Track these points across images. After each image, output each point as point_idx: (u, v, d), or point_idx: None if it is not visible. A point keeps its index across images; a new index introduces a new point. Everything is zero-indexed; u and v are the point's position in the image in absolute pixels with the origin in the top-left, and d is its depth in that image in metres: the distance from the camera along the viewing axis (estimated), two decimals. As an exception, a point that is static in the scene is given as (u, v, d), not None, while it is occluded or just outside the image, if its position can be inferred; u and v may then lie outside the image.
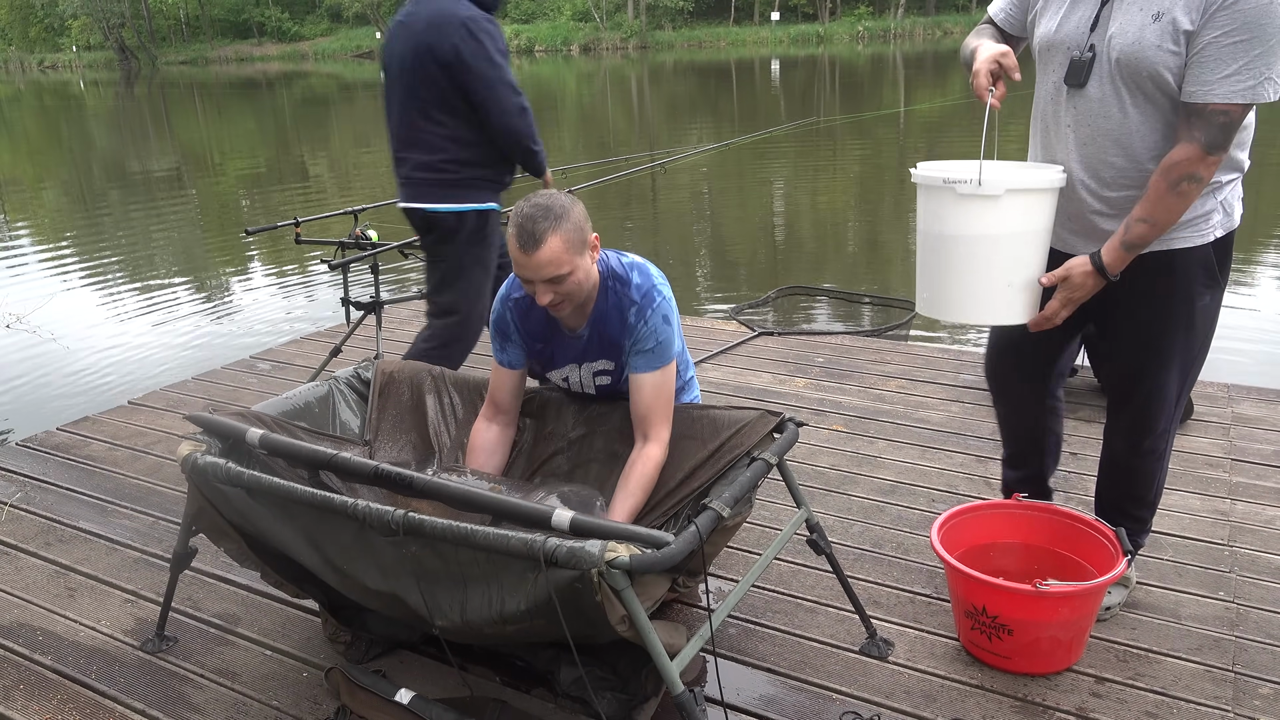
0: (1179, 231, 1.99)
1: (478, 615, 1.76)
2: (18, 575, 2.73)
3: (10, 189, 13.62)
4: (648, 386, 2.23)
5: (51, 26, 62.01)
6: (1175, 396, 2.16)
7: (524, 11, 52.03)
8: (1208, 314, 2.08)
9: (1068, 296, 1.99)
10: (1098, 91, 1.95)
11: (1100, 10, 1.94)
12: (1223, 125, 1.82)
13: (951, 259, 2.00)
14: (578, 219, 2.13)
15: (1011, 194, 1.90)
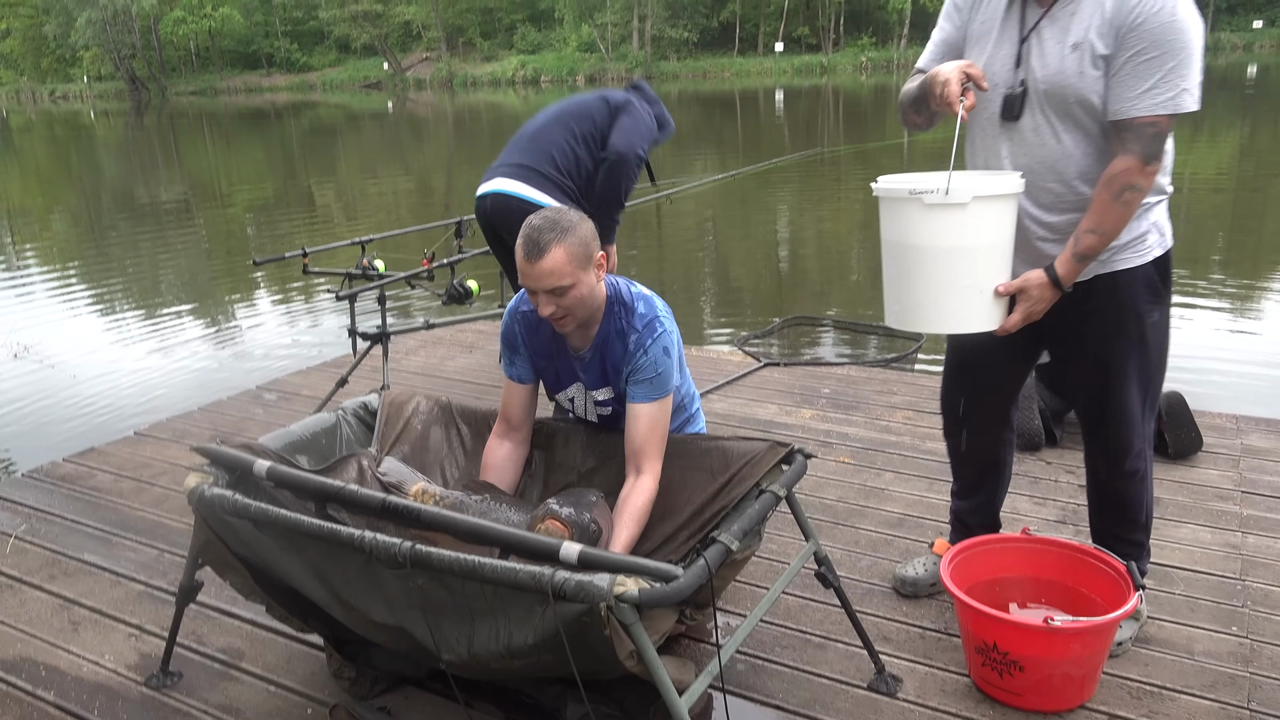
0: (1121, 254, 2.08)
1: (485, 649, 1.74)
2: (21, 609, 2.71)
3: (20, 218, 13.72)
4: (644, 418, 2.24)
5: (63, 57, 62.66)
6: (1140, 413, 2.22)
7: (530, 42, 52.52)
8: (1158, 330, 2.16)
9: (1028, 309, 2.05)
10: (1030, 123, 2.05)
11: (1020, 48, 2.04)
12: (1153, 136, 1.92)
13: (923, 270, 2.01)
14: (584, 235, 2.15)
15: (979, 201, 1.93)
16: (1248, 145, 15.04)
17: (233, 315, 7.62)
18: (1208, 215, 9.54)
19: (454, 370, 4.78)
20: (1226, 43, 42.41)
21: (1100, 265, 2.09)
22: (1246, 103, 21.90)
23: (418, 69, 54.90)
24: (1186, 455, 3.33)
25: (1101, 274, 2.10)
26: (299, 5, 57.79)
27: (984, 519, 2.56)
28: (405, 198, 13.83)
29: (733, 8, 48.92)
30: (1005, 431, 2.48)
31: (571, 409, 2.49)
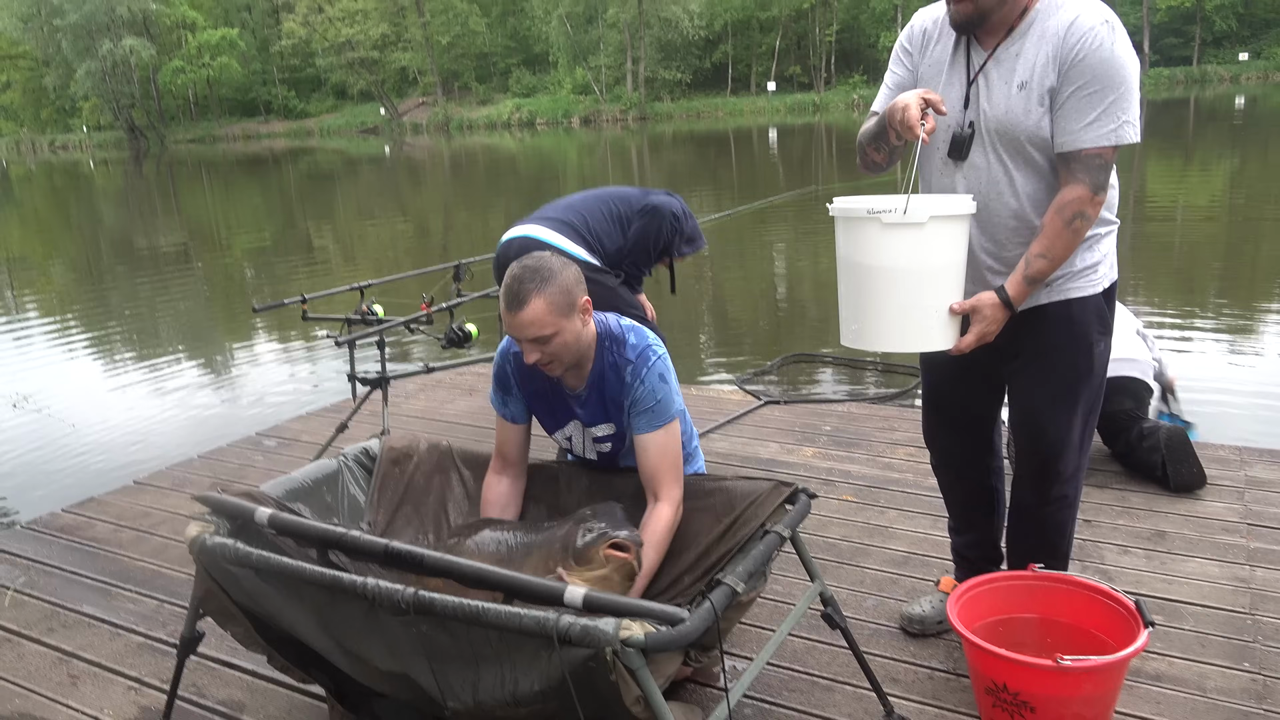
0: (1074, 282, 2.13)
1: (490, 696, 1.72)
2: (20, 663, 2.68)
3: (20, 267, 13.77)
4: (652, 448, 2.25)
5: (63, 108, 63.28)
6: (1079, 440, 2.25)
7: (525, 86, 53.11)
8: (1102, 359, 2.22)
9: (981, 330, 2.07)
10: (983, 161, 2.10)
11: (969, 90, 2.09)
12: (1100, 167, 1.98)
13: (880, 289, 2.03)
14: (566, 282, 2.16)
15: (935, 221, 1.96)
16: (1238, 175, 15.17)
17: (232, 361, 7.62)
18: (1202, 245, 9.60)
19: (454, 413, 4.78)
20: (1214, 75, 42.96)
21: (1055, 292, 2.14)
22: (1235, 134, 22.12)
23: (414, 113, 55.46)
24: (1189, 489, 3.31)
25: (1056, 300, 2.14)
26: (296, 53, 58.49)
27: (984, 551, 2.56)
28: (403, 241, 13.89)
29: (725, 49, 49.59)
30: (992, 460, 2.49)
31: (570, 448, 2.49)
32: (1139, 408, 3.59)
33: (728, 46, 49.79)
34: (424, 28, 53.95)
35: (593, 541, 2.05)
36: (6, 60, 62.59)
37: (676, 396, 2.31)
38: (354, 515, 2.43)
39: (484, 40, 55.05)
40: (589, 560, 2.05)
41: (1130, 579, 2.79)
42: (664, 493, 2.23)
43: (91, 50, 55.28)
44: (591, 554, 2.04)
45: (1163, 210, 11.91)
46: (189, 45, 57.51)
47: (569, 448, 2.49)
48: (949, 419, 2.45)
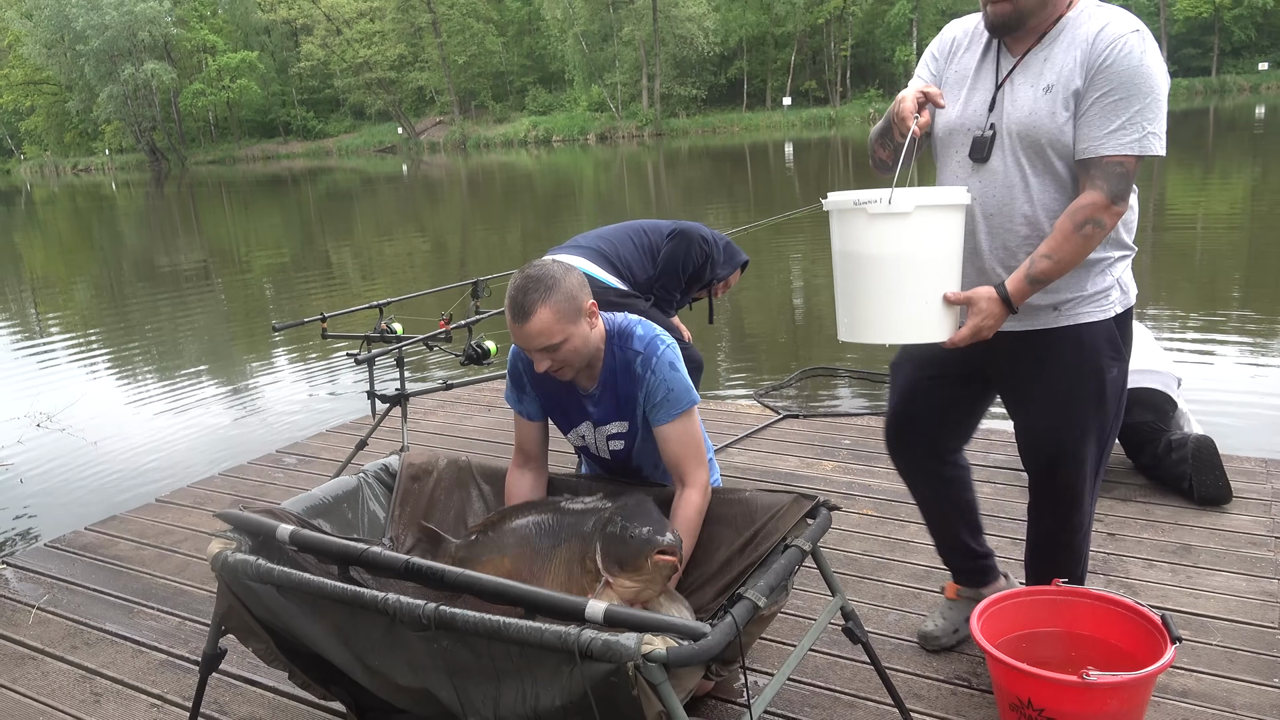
0: (1083, 306, 2.10)
1: (511, 711, 1.72)
2: (44, 681, 2.70)
3: (43, 288, 13.93)
4: (673, 436, 2.26)
5: (85, 131, 64.16)
6: (1094, 469, 2.22)
7: (541, 104, 53.44)
8: (1116, 386, 2.17)
9: (977, 324, 2.02)
10: (1000, 165, 2.07)
11: (996, 94, 2.08)
12: (1121, 175, 1.94)
13: (869, 278, 2.02)
14: (570, 288, 2.17)
15: (921, 210, 1.94)
16: (1260, 184, 15.05)
17: (252, 379, 7.67)
18: (1223, 254, 9.52)
19: (473, 429, 4.79)
20: (1233, 85, 42.74)
21: (1063, 317, 2.10)
22: (1256, 143, 21.97)
23: (431, 132, 55.88)
24: (1216, 503, 3.27)
25: (1064, 326, 2.11)
26: (315, 75, 59.14)
27: (964, 554, 2.54)
28: (421, 259, 13.97)
29: (740, 64, 49.75)
30: (962, 472, 2.48)
31: (585, 446, 2.49)
32: (1160, 420, 3.52)
33: (743, 62, 49.95)
34: (441, 48, 54.42)
35: (641, 552, 2.03)
36: (31, 86, 63.55)
37: (690, 382, 2.31)
38: (374, 531, 2.44)
39: (500, 59, 55.51)
40: (637, 569, 2.03)
41: (1156, 593, 2.75)
42: (691, 478, 2.26)
43: (114, 74, 56.09)
44: (639, 564, 2.03)
45: (1183, 220, 11.83)
46: (209, 68, 58.24)
47: (583, 445, 2.50)
48: (919, 437, 2.40)
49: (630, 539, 2.05)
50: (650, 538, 2.03)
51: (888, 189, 1.95)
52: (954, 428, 2.41)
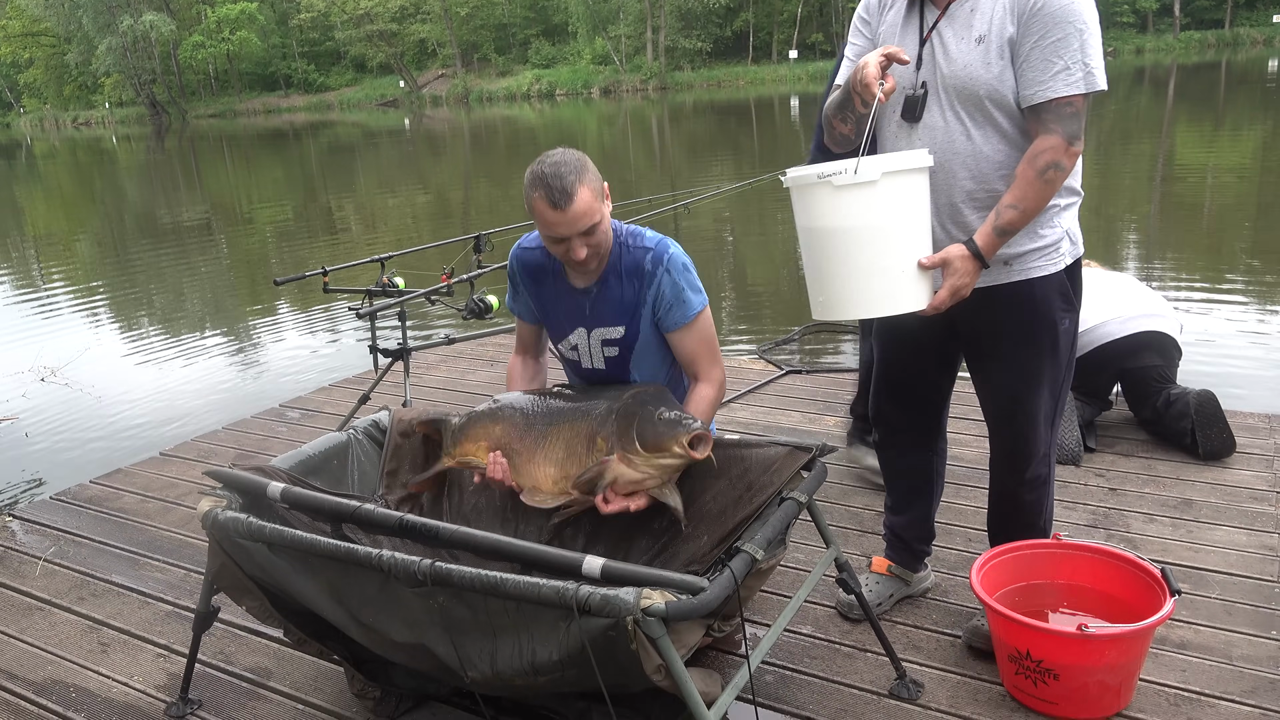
0: (1034, 261, 2.09)
1: (508, 666, 1.73)
2: (51, 631, 2.73)
3: (45, 242, 13.89)
4: (688, 339, 2.28)
5: (85, 84, 63.53)
6: (1049, 419, 2.23)
7: (545, 56, 52.76)
8: (1068, 337, 2.18)
9: (955, 283, 1.99)
10: (940, 121, 2.05)
11: (920, 50, 2.05)
12: (1072, 115, 1.93)
13: (841, 254, 1.97)
14: (593, 167, 2.15)
15: (889, 178, 1.90)
16: (1270, 139, 14.87)
17: (255, 333, 7.66)
18: (1232, 210, 9.43)
19: (475, 384, 4.79)
20: (1246, 38, 42.02)
21: (1013, 272, 2.09)
22: (1268, 97, 21.67)
23: (433, 86, 55.29)
24: (1219, 457, 3.27)
25: (1015, 280, 2.10)
26: (315, 27, 58.34)
27: (920, 532, 2.54)
28: (423, 213, 13.90)
29: (745, 17, 49.01)
30: (938, 441, 2.48)
31: (577, 360, 2.43)
32: (1167, 365, 3.48)
33: (749, 14, 49.18)
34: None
35: (671, 433, 2.01)
36: (29, 38, 62.83)
37: (700, 285, 2.30)
38: (365, 488, 2.42)
39: (503, 11, 54.71)
40: (661, 450, 2.02)
41: (1156, 547, 2.76)
42: (704, 373, 2.28)
43: (112, 26, 55.40)
44: (666, 444, 2.01)
45: (1193, 174, 11.71)
46: (208, 20, 57.47)
47: (575, 360, 2.43)
48: (899, 398, 2.42)
49: (660, 420, 2.03)
50: (681, 420, 2.02)
51: (851, 159, 1.89)
52: (936, 396, 2.40)
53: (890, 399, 2.43)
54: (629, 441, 2.05)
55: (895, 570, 2.55)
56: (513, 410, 2.30)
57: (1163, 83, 27.63)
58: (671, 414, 2.05)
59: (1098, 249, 7.98)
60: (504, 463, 2.24)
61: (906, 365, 2.37)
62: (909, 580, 2.56)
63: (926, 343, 2.29)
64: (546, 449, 2.21)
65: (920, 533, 2.54)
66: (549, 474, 2.20)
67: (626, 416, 2.10)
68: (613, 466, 2.07)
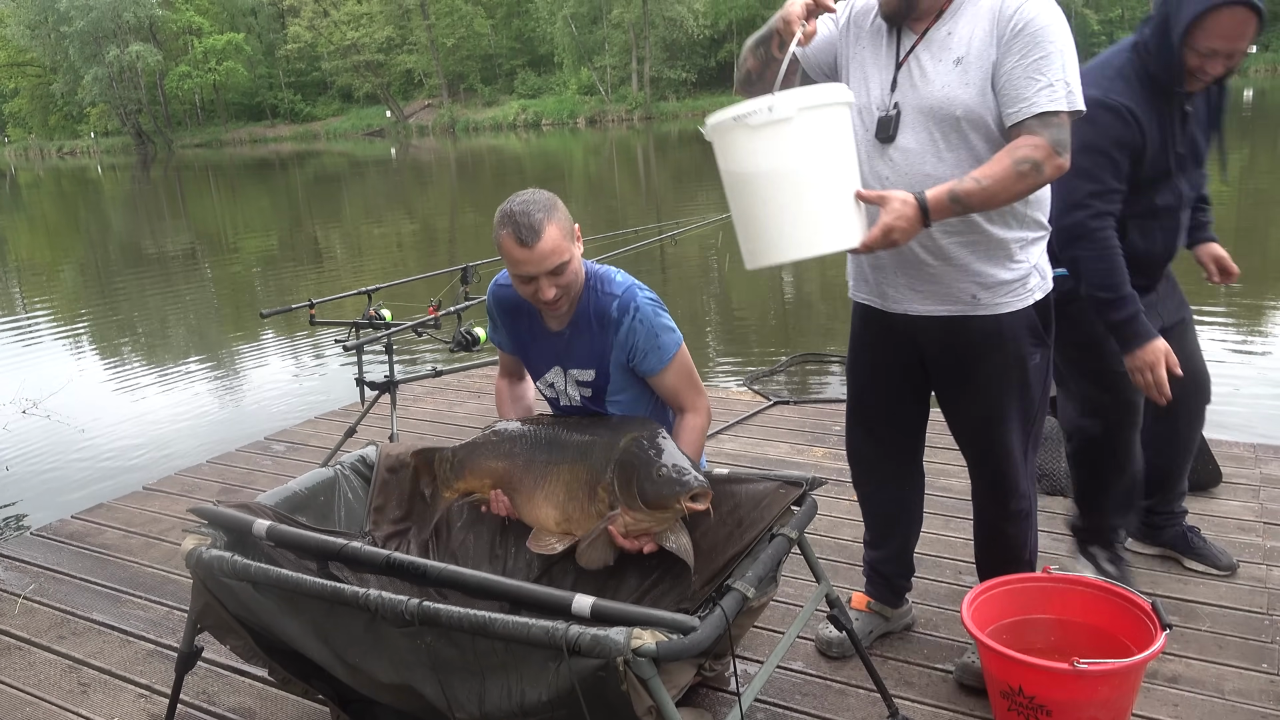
0: (1003, 296, 2.08)
1: (496, 707, 1.70)
2: (30, 671, 2.68)
3: (29, 272, 13.82)
4: (668, 379, 2.28)
5: (70, 114, 63.50)
6: (1023, 454, 2.23)
7: (531, 87, 53.09)
8: (1040, 373, 2.17)
9: (888, 223, 1.86)
10: (913, 142, 2.03)
11: (896, 74, 2.05)
12: (1059, 126, 1.90)
13: (766, 197, 1.89)
14: (563, 208, 2.15)
15: (806, 113, 1.83)
16: (1248, 167, 15.08)
17: (240, 365, 7.62)
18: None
19: (462, 416, 4.77)
20: (1222, 68, 42.63)
21: (979, 306, 2.09)
22: (1244, 126, 22.00)
23: (420, 115, 55.52)
24: (1205, 487, 3.28)
25: (984, 315, 2.09)
26: (302, 57, 58.59)
27: (899, 567, 2.53)
28: (410, 242, 13.90)
29: (730, 47, 49.47)
30: (916, 477, 2.48)
31: (555, 396, 2.43)
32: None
33: (733, 45, 49.65)
34: (429, 30, 54.00)
35: (670, 493, 2.01)
36: (14, 68, 62.87)
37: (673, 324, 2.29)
38: (352, 524, 2.39)
39: (489, 42, 55.09)
40: (663, 508, 2.03)
41: (1146, 580, 2.76)
42: (689, 404, 2.29)
43: (98, 56, 55.49)
44: (667, 503, 2.02)
45: (1172, 205, 11.81)
46: (195, 50, 57.66)
47: (554, 397, 2.43)
48: (874, 433, 2.41)
49: (659, 478, 2.03)
50: (681, 479, 2.01)
51: (767, 97, 1.83)
52: (910, 428, 2.39)
53: (865, 435, 2.43)
54: (631, 498, 2.06)
55: (875, 607, 2.54)
56: (512, 446, 2.29)
57: (1141, 113, 27.92)
58: (671, 469, 2.04)
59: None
60: (506, 500, 2.28)
61: (879, 400, 2.37)
62: (889, 616, 2.55)
63: (898, 377, 2.29)
64: (547, 489, 2.21)
65: (899, 567, 2.53)
66: (550, 515, 2.21)
67: (626, 470, 2.09)
68: (618, 520, 2.07)
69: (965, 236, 2.04)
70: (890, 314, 2.20)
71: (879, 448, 2.43)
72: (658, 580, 2.19)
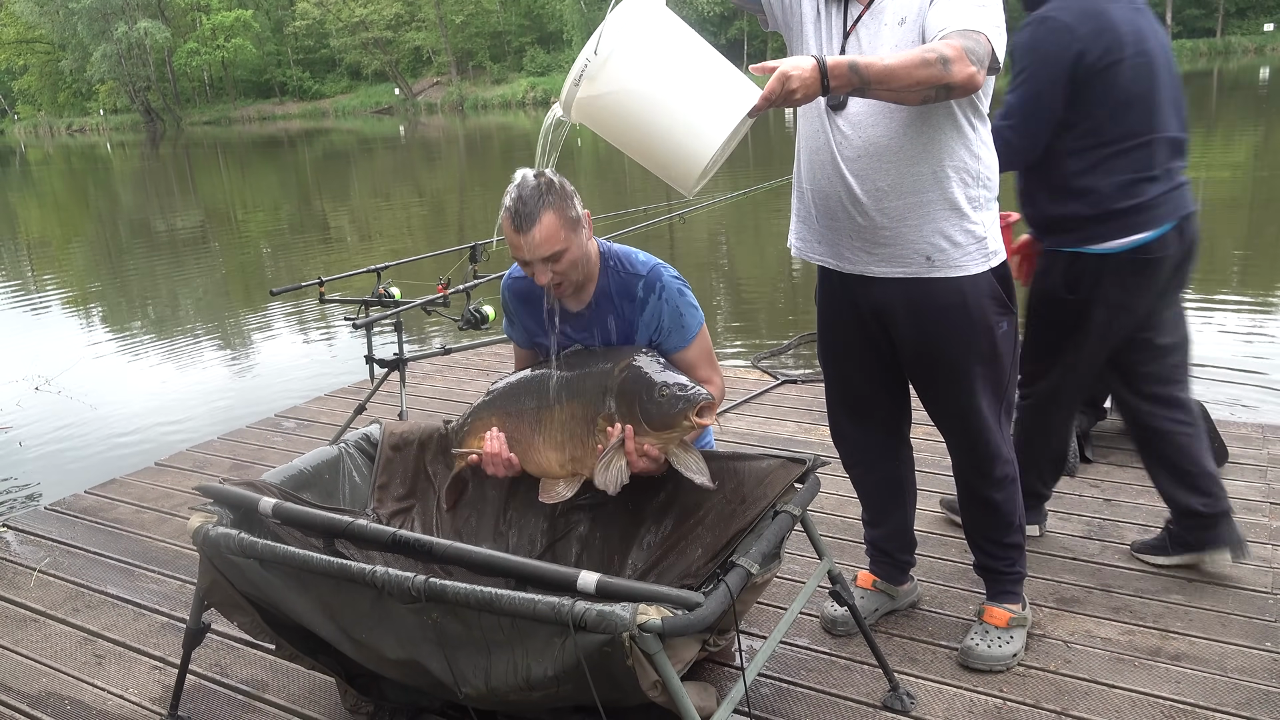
0: (966, 256, 2.07)
1: (502, 682, 1.73)
2: (46, 643, 2.72)
3: (39, 250, 13.87)
4: (687, 356, 2.30)
5: (79, 91, 63.52)
6: (998, 422, 2.24)
7: (540, 64, 52.86)
8: (1007, 340, 2.18)
9: (784, 71, 1.78)
10: (861, 106, 2.03)
11: (845, 41, 2.05)
12: (978, 42, 1.85)
13: (650, 116, 1.84)
14: (568, 195, 2.14)
15: (626, 31, 1.80)
16: (1262, 147, 14.95)
17: (251, 342, 7.66)
18: (1224, 218, 9.47)
19: (471, 394, 4.78)
20: (1238, 46, 42.23)
21: (938, 267, 2.07)
22: (1260, 105, 21.79)
23: (429, 93, 55.34)
24: (1212, 466, 3.28)
25: (943, 277, 2.08)
26: (310, 34, 58.40)
27: (901, 542, 2.55)
28: (419, 222, 13.90)
29: (740, 25, 49.14)
30: (903, 449, 2.49)
31: None
32: None
33: (743, 22, 49.33)
34: (437, 6, 53.73)
35: (677, 409, 2.03)
36: (23, 45, 62.86)
37: (696, 302, 2.32)
38: (356, 502, 2.41)
39: (498, 19, 54.79)
40: (671, 426, 2.05)
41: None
42: (704, 380, 2.29)
43: (107, 33, 55.43)
44: (674, 421, 2.03)
45: (1185, 184, 11.74)
46: (203, 27, 57.54)
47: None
48: (855, 415, 2.43)
49: (662, 398, 2.04)
50: (685, 395, 2.03)
51: (588, 47, 1.81)
52: (892, 404, 2.41)
53: (847, 418, 2.45)
54: (637, 423, 2.07)
55: (880, 585, 2.56)
56: (504, 398, 2.32)
57: (1155, 91, 27.65)
58: (673, 387, 2.05)
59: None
60: (501, 436, 2.26)
61: (855, 382, 2.38)
62: (894, 595, 2.56)
63: (869, 358, 2.30)
64: (544, 433, 2.23)
65: (901, 543, 2.55)
66: (553, 458, 2.22)
67: (627, 397, 2.10)
68: (628, 443, 2.08)
69: (917, 196, 2.04)
70: (848, 277, 2.20)
71: (862, 428, 2.44)
72: (662, 556, 2.21)
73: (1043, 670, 2.30)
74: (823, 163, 2.13)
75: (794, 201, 2.30)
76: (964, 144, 2.03)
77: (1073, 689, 2.23)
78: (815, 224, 2.22)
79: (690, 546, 2.20)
